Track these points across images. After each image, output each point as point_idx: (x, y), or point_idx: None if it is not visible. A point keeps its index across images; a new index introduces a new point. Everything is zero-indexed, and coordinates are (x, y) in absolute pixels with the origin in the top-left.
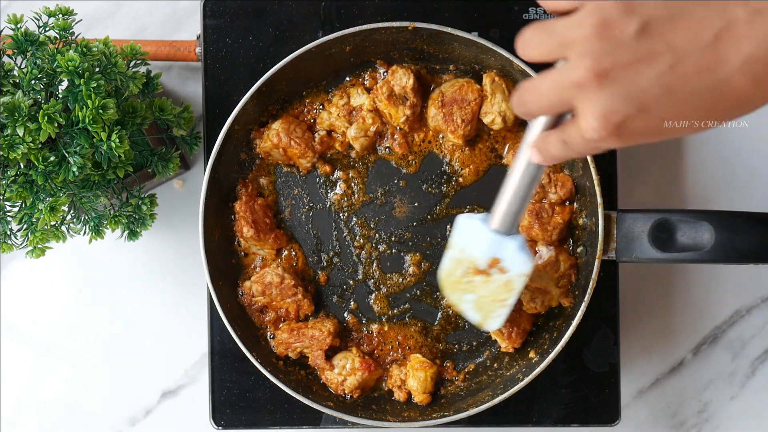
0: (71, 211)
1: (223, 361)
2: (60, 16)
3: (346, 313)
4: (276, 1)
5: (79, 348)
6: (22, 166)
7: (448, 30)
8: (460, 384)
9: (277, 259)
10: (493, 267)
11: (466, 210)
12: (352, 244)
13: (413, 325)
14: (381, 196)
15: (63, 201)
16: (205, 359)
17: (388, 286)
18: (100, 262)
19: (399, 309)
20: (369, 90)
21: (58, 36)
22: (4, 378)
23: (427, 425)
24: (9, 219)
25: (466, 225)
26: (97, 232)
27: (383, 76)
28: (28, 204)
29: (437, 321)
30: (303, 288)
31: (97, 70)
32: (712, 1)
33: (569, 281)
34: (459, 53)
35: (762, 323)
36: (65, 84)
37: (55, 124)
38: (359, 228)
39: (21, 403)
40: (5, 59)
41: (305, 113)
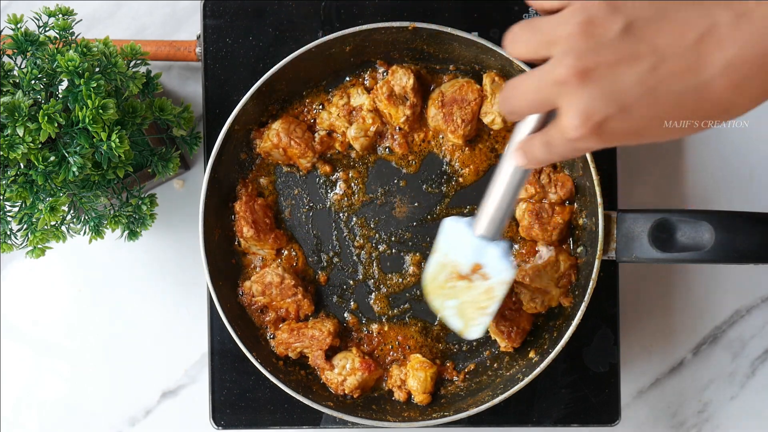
0: (71, 211)
1: (223, 361)
2: (60, 16)
3: (346, 313)
4: (276, 1)
5: (79, 348)
6: (22, 166)
7: (448, 30)
8: (460, 384)
9: (277, 259)
10: (475, 273)
11: (466, 210)
12: (352, 244)
13: (413, 325)
14: (381, 196)
15: (63, 201)
16: (205, 359)
17: (388, 286)
18: (100, 262)
19: (399, 309)
20: (369, 90)
21: (58, 36)
22: (4, 378)
23: (427, 425)
24: (9, 219)
25: (452, 228)
26: (97, 232)
27: (383, 76)
28: (28, 204)
29: (437, 321)
30: (303, 288)
31: (97, 70)
32: (697, 2)
33: (569, 281)
34: (459, 53)
35: (762, 323)
36: (65, 84)
37: (55, 124)
38: (359, 228)
39: (21, 403)
40: (5, 59)
41: (305, 113)
